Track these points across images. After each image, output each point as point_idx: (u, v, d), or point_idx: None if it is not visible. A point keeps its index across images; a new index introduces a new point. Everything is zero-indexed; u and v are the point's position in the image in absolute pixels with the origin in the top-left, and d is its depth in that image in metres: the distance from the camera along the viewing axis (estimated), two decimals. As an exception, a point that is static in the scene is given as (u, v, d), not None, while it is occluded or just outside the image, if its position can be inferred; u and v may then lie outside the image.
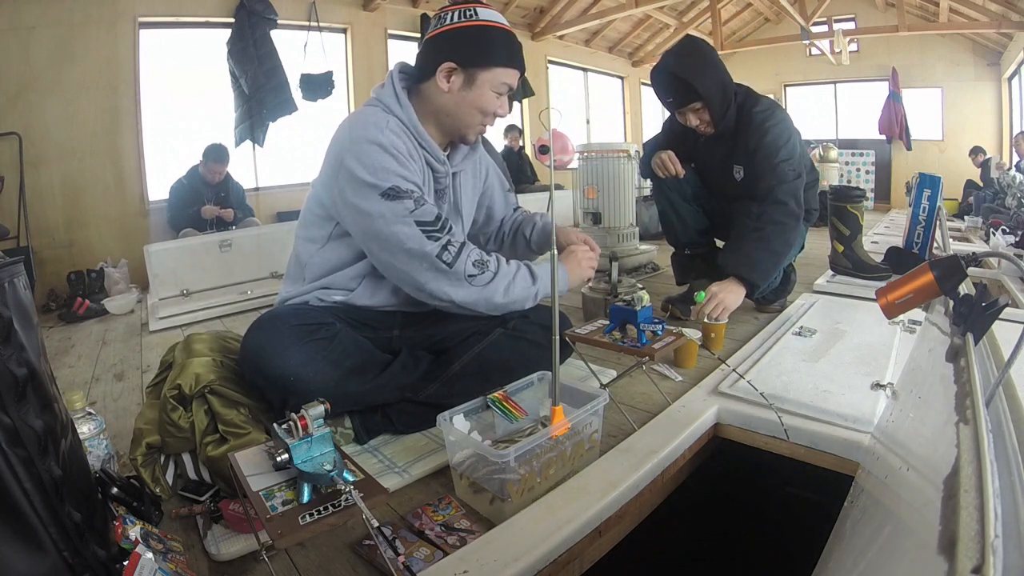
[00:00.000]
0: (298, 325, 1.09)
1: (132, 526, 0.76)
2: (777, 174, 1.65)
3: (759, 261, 1.59)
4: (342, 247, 1.19)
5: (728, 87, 1.69)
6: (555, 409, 0.93)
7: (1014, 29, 5.78)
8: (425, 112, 1.16)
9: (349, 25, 5.00)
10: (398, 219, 1.05)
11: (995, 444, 0.42)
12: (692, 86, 1.62)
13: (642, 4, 5.81)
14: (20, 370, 0.59)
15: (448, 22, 1.11)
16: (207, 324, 2.46)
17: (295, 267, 1.25)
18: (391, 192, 1.05)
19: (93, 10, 3.54)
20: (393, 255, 1.08)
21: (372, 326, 1.23)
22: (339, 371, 1.09)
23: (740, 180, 1.79)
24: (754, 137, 1.68)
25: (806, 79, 8.31)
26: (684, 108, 1.71)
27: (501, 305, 1.14)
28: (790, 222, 1.63)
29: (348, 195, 1.08)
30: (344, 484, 0.67)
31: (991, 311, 0.63)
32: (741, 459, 1.22)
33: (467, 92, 1.12)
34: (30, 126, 3.34)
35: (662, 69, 1.68)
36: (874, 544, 0.56)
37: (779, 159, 1.65)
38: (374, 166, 1.05)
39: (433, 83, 1.13)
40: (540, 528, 0.85)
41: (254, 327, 1.10)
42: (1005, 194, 4.69)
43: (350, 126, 1.11)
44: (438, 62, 1.11)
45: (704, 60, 1.66)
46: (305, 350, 1.06)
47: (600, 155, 2.83)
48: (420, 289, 1.11)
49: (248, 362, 1.08)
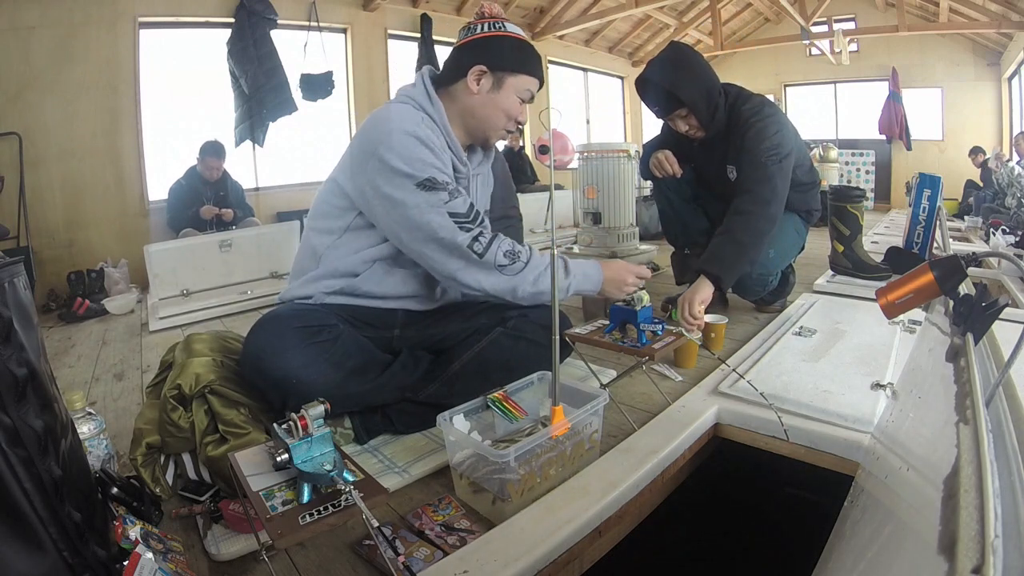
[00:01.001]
0: (300, 327, 1.09)
1: (132, 526, 0.76)
2: (754, 163, 1.61)
3: (723, 255, 1.52)
4: (360, 237, 1.20)
5: (713, 91, 1.67)
6: (555, 409, 0.93)
7: (1014, 29, 5.78)
8: (452, 113, 1.22)
9: (349, 25, 5.00)
10: (432, 209, 1.09)
11: (995, 444, 0.42)
12: (674, 94, 1.63)
13: (642, 4, 5.81)
14: (20, 370, 0.59)
15: (479, 31, 1.21)
16: (207, 324, 2.46)
17: (307, 259, 1.24)
18: (427, 183, 1.09)
19: (93, 10, 3.54)
20: (424, 244, 1.11)
21: (373, 325, 1.23)
22: (341, 372, 1.09)
23: (734, 180, 1.79)
24: (742, 134, 1.67)
25: (806, 79, 8.31)
26: (670, 115, 1.72)
27: (531, 294, 1.16)
28: (756, 210, 1.56)
29: (381, 185, 1.10)
30: (344, 484, 0.67)
31: (991, 311, 0.63)
32: (741, 459, 1.22)
33: (494, 94, 1.20)
34: (30, 126, 3.34)
35: (644, 79, 1.69)
36: (874, 544, 0.56)
37: (760, 149, 1.61)
38: (411, 157, 1.09)
39: (463, 84, 1.20)
40: (540, 528, 0.85)
41: (256, 328, 1.10)
42: (1005, 194, 4.69)
43: (383, 120, 1.13)
44: (469, 65, 1.19)
45: (686, 67, 1.65)
46: (307, 353, 1.06)
47: (600, 155, 2.83)
48: (451, 278, 1.14)
49: (249, 364, 1.08)
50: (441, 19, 5.59)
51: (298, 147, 4.76)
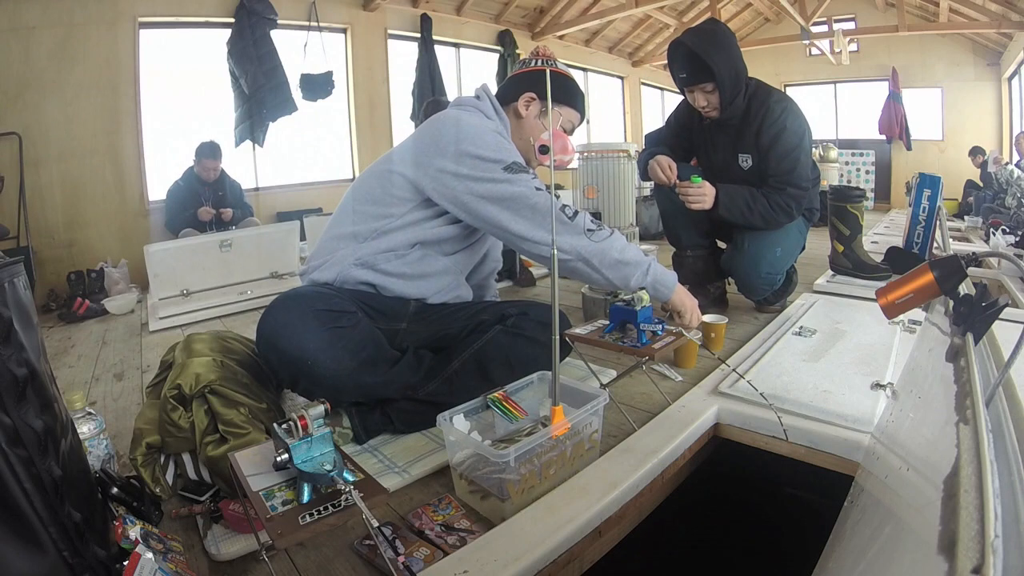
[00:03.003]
0: (323, 310, 1.10)
1: (132, 526, 0.75)
2: (790, 170, 1.72)
3: (738, 196, 1.71)
4: (416, 223, 1.26)
5: (741, 74, 1.70)
6: (555, 409, 0.93)
7: (1014, 29, 5.78)
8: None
9: (349, 25, 4.99)
10: (523, 183, 1.19)
11: (995, 444, 0.42)
12: (706, 64, 1.62)
13: (642, 4, 5.81)
14: (20, 370, 0.59)
15: (532, 65, 1.39)
16: (207, 324, 2.46)
17: (342, 243, 1.27)
18: (514, 166, 1.20)
19: (93, 10, 3.54)
20: (517, 211, 1.18)
21: (385, 315, 1.24)
22: (354, 361, 1.10)
23: (747, 169, 1.79)
24: (771, 126, 1.70)
25: (806, 79, 8.31)
26: (695, 86, 1.70)
27: (617, 261, 1.21)
28: (781, 218, 1.75)
29: (465, 172, 1.18)
30: (344, 484, 0.67)
31: (991, 311, 0.63)
32: (741, 459, 1.22)
33: (540, 120, 1.37)
34: (30, 126, 3.34)
35: (680, 43, 1.69)
36: (874, 544, 0.56)
37: (797, 155, 1.72)
38: (496, 147, 1.21)
39: (513, 107, 1.37)
40: (540, 528, 0.85)
41: (277, 305, 1.11)
42: (1005, 194, 4.69)
43: (457, 120, 1.23)
44: (521, 91, 1.37)
45: (723, 43, 1.67)
46: (326, 336, 1.07)
47: (600, 155, 2.84)
48: (541, 243, 1.18)
49: (265, 339, 1.09)
50: (441, 19, 5.59)
51: (298, 147, 4.76)
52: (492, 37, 6.15)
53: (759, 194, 1.73)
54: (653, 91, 9.06)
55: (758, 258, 1.82)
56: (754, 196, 1.73)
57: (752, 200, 1.72)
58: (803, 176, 1.74)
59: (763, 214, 1.73)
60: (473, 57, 6.25)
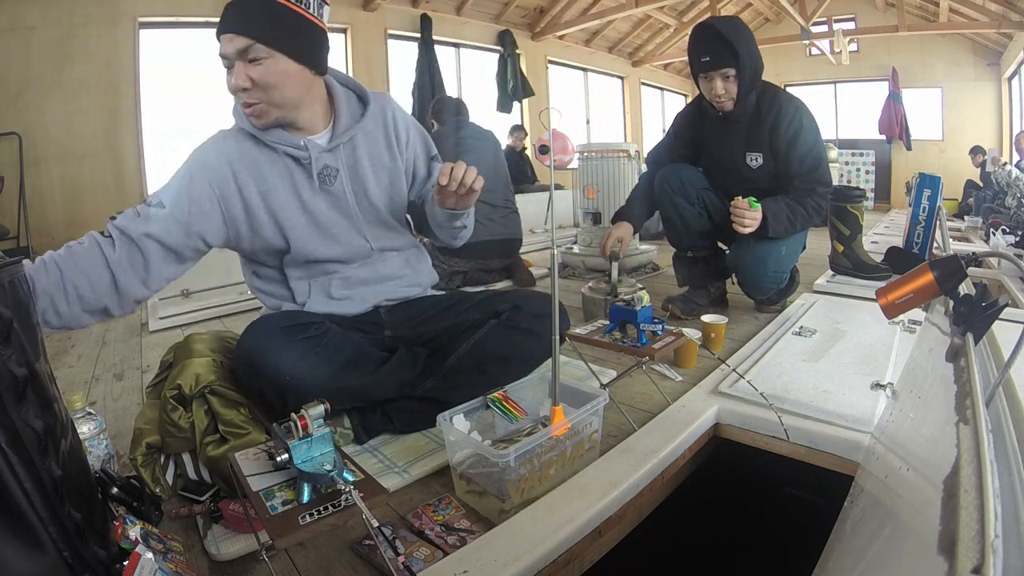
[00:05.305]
0: (288, 326, 1.10)
1: (132, 526, 0.75)
2: (815, 167, 1.75)
3: (780, 214, 1.72)
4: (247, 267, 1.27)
5: (759, 70, 1.73)
6: (555, 409, 0.93)
7: (1014, 29, 5.79)
8: None
9: (349, 25, 5.00)
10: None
11: (995, 444, 0.42)
12: (732, 48, 1.64)
13: (642, 4, 5.81)
14: (20, 370, 0.59)
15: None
16: (207, 324, 2.46)
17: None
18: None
19: (93, 10, 3.55)
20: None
21: (362, 329, 1.23)
22: (333, 366, 1.09)
23: (756, 168, 1.80)
24: (788, 125, 1.72)
25: (806, 79, 8.31)
26: (716, 71, 1.69)
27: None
28: (816, 220, 1.79)
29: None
30: (344, 484, 0.67)
31: (991, 311, 0.63)
32: (741, 459, 1.22)
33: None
34: (30, 126, 3.35)
35: (707, 26, 1.70)
36: (874, 544, 0.56)
37: (818, 151, 1.75)
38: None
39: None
40: (540, 528, 0.85)
41: (244, 333, 1.11)
42: (1005, 194, 4.69)
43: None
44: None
45: (747, 35, 1.70)
46: (295, 348, 1.07)
47: (600, 155, 2.84)
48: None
49: (242, 366, 1.08)
50: (441, 19, 5.59)
51: (298, 147, 4.75)
52: (492, 37, 6.16)
53: (793, 203, 1.73)
54: (653, 91, 9.07)
55: (765, 256, 1.82)
56: (791, 208, 1.73)
57: (792, 213, 1.72)
58: (827, 172, 1.77)
59: (803, 223, 1.75)
60: (473, 57, 6.26)
